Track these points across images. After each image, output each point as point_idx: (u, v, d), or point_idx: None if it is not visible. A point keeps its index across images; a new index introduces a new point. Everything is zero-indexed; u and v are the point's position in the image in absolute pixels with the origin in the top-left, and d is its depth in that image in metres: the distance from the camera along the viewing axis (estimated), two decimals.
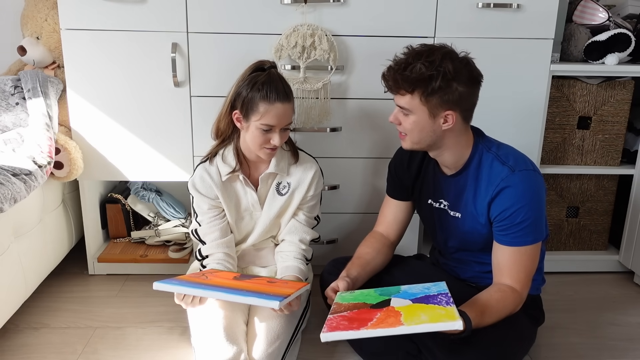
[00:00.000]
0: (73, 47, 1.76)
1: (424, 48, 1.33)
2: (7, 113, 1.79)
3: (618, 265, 2.14)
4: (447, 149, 1.39)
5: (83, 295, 1.90)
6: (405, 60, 1.31)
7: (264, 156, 1.52)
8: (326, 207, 1.89)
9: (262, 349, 1.40)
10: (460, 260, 1.53)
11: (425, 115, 1.32)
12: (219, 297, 1.33)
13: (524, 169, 1.34)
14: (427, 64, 1.27)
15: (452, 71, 1.27)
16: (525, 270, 1.35)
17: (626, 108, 1.98)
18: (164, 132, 1.85)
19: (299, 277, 1.54)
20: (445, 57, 1.29)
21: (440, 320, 1.12)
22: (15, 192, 1.48)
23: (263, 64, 1.50)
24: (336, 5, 1.74)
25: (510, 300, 1.32)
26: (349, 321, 1.18)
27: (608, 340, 1.69)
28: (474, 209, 1.40)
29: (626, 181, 2.08)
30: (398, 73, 1.30)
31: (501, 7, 1.76)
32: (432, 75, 1.27)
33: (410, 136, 1.37)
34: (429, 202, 1.52)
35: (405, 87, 1.30)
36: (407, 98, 1.31)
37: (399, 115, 1.37)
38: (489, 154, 1.39)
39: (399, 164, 1.58)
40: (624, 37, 1.86)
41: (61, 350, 1.58)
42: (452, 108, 1.31)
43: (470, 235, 1.43)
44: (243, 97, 1.46)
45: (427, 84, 1.27)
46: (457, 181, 1.43)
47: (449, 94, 1.29)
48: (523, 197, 1.31)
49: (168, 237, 2.12)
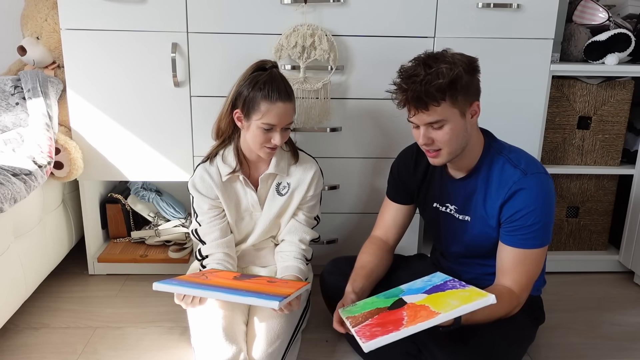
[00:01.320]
0: (73, 47, 1.76)
1: (424, 57, 1.29)
2: (7, 113, 1.79)
3: (618, 265, 2.14)
4: (469, 149, 1.37)
5: (83, 295, 1.90)
6: (423, 72, 1.25)
7: (264, 155, 1.52)
8: (326, 207, 1.89)
9: (262, 349, 1.40)
10: (463, 263, 1.53)
11: (458, 117, 1.29)
12: (218, 297, 1.33)
13: (536, 172, 1.33)
14: (447, 65, 1.24)
15: (465, 62, 1.27)
16: (528, 274, 1.34)
17: (626, 108, 1.98)
18: (164, 132, 1.85)
19: (298, 277, 1.54)
20: (453, 55, 1.28)
21: (473, 300, 1.11)
22: (15, 192, 1.48)
23: (265, 64, 1.50)
24: (336, 5, 1.74)
25: (505, 301, 1.31)
26: (381, 326, 1.14)
27: (608, 340, 1.69)
28: (484, 212, 1.39)
29: (626, 181, 2.08)
30: (428, 85, 1.23)
31: (501, 7, 1.76)
32: (458, 73, 1.24)
33: (447, 148, 1.32)
34: (435, 205, 1.51)
35: (439, 96, 1.24)
36: (439, 109, 1.26)
37: (429, 134, 1.31)
38: (500, 157, 1.37)
39: (403, 168, 1.55)
40: (624, 37, 1.86)
41: (61, 350, 1.58)
42: (475, 99, 1.32)
43: (479, 239, 1.42)
44: (244, 96, 1.46)
45: (456, 84, 1.25)
46: (467, 184, 1.42)
47: (471, 86, 1.29)
48: (536, 200, 1.30)
49: (168, 237, 2.12)
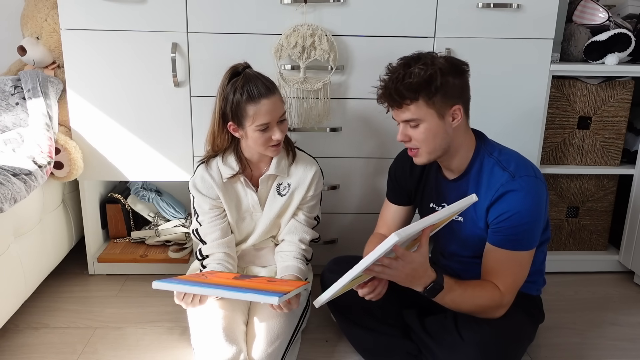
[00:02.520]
0: (73, 47, 1.76)
1: (408, 57, 1.32)
2: (7, 113, 1.79)
3: (618, 265, 2.14)
4: (455, 151, 1.37)
5: (83, 295, 1.90)
6: (399, 71, 1.29)
7: (271, 154, 1.51)
8: (326, 207, 1.89)
9: (262, 349, 1.40)
10: (462, 262, 1.53)
11: (435, 118, 1.30)
12: (218, 294, 1.33)
13: (525, 175, 1.32)
14: (423, 66, 1.27)
15: (446, 66, 1.28)
16: (513, 275, 1.34)
17: (626, 108, 1.98)
18: (164, 132, 1.85)
19: (298, 276, 1.54)
20: (434, 57, 1.30)
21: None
22: (15, 192, 1.48)
23: (236, 68, 1.48)
24: (336, 5, 1.74)
25: (488, 291, 1.31)
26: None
27: (608, 340, 1.69)
28: (474, 214, 1.39)
29: (626, 181, 2.08)
30: (399, 84, 1.28)
31: (501, 7, 1.76)
32: (432, 74, 1.26)
33: (425, 147, 1.34)
34: (431, 205, 1.51)
35: (409, 95, 1.28)
36: (412, 108, 1.29)
37: (406, 131, 1.34)
38: (490, 158, 1.38)
39: (400, 171, 1.56)
40: (624, 37, 1.86)
41: (61, 350, 1.58)
42: (455, 102, 1.31)
43: (472, 239, 1.43)
44: (230, 107, 1.45)
45: (429, 85, 1.27)
46: (459, 185, 1.42)
47: (449, 88, 1.29)
48: (522, 202, 1.30)
49: (168, 237, 2.12)
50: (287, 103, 1.80)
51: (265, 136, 1.46)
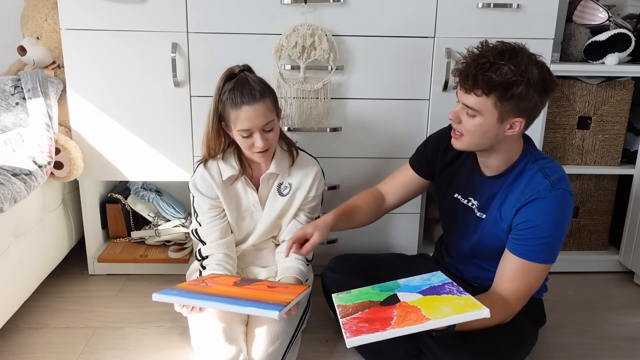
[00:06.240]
0: (73, 47, 1.76)
1: (505, 47, 1.24)
2: (7, 113, 1.79)
3: (618, 265, 2.14)
4: (498, 153, 1.35)
5: (83, 295, 1.90)
6: (489, 59, 1.22)
7: (257, 159, 1.51)
8: (326, 207, 1.88)
9: (262, 349, 1.40)
10: (465, 262, 1.53)
11: (494, 119, 1.26)
12: (218, 308, 1.31)
13: (564, 188, 1.30)
14: (514, 68, 1.20)
15: (536, 79, 1.21)
16: (527, 286, 1.33)
17: (626, 108, 1.98)
18: (164, 132, 1.85)
19: (299, 278, 1.54)
20: (531, 62, 1.23)
21: (466, 310, 1.11)
22: (15, 192, 1.48)
23: (232, 70, 1.47)
24: (336, 5, 1.74)
25: (498, 312, 1.29)
26: (369, 322, 1.15)
27: (608, 340, 1.69)
28: (498, 214, 1.38)
29: (626, 181, 2.08)
30: (480, 72, 1.21)
31: (501, 7, 1.76)
32: (516, 81, 1.20)
33: (468, 138, 1.31)
34: (456, 196, 1.49)
35: (484, 87, 1.22)
36: (480, 99, 1.24)
37: (461, 114, 1.30)
38: (534, 165, 1.35)
39: (436, 145, 1.53)
40: (624, 37, 1.87)
41: (61, 350, 1.58)
42: (522, 115, 1.26)
43: (487, 239, 1.41)
44: (220, 108, 1.46)
45: (508, 89, 1.21)
46: (494, 184, 1.40)
47: (526, 101, 1.23)
48: (552, 214, 1.28)
49: (168, 237, 2.12)
50: (287, 103, 1.80)
51: (249, 142, 1.46)
